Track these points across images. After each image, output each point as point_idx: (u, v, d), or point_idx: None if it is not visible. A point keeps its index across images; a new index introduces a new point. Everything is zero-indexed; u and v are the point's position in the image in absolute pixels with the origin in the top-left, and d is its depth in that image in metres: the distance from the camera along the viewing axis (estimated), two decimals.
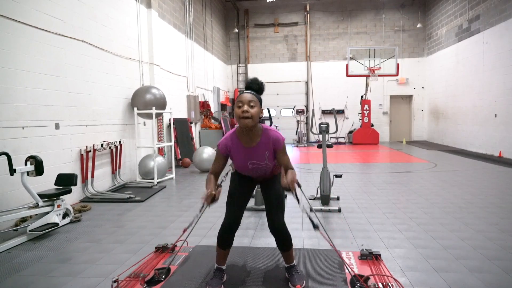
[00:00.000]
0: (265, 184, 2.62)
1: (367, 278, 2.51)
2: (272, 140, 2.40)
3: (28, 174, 3.89)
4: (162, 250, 3.17)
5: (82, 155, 5.67)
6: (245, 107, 2.27)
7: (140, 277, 2.60)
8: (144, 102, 7.03)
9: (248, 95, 2.32)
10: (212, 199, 2.34)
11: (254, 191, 5.03)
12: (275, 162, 2.52)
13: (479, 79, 11.36)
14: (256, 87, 2.41)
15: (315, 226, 2.38)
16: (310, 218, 2.39)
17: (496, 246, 3.43)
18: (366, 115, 14.80)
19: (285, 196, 3.78)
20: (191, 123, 10.94)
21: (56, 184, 4.43)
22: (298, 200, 2.33)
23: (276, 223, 2.49)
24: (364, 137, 14.91)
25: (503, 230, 3.90)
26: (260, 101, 2.39)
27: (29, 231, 3.77)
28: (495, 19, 10.39)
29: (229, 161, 2.64)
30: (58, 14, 5.20)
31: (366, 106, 14.76)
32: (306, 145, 15.10)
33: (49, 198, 4.08)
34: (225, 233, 2.51)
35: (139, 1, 7.80)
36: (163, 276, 2.65)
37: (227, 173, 2.83)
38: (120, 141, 6.67)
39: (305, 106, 16.30)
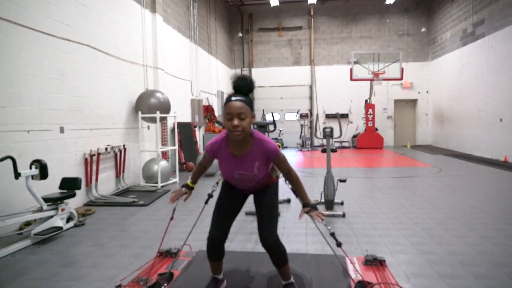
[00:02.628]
0: (257, 193, 2.48)
1: (372, 287, 2.48)
2: (264, 151, 2.21)
3: (32, 178, 3.91)
4: (165, 254, 3.16)
5: (86, 159, 5.69)
6: (236, 122, 2.06)
7: (144, 282, 2.59)
8: (148, 106, 7.06)
9: (237, 105, 2.07)
10: (178, 196, 2.42)
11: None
12: (268, 174, 2.38)
13: (484, 83, 11.30)
14: (245, 89, 2.15)
15: (339, 245, 2.27)
16: (333, 236, 2.29)
17: (502, 252, 3.39)
18: (370, 119, 14.76)
19: (289, 201, 3.70)
20: (195, 127, 10.95)
21: (60, 188, 4.44)
22: (325, 224, 2.26)
23: (267, 237, 2.28)
24: (368, 141, 14.86)
25: (509, 235, 3.86)
26: (251, 104, 2.16)
27: (33, 234, 3.78)
28: (500, 24, 10.35)
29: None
30: (64, 19, 5.25)
31: (370, 110, 14.72)
32: (310, 149, 15.07)
33: (53, 202, 4.09)
34: (211, 247, 2.39)
35: (144, 6, 7.85)
36: (166, 282, 2.64)
37: (217, 182, 2.68)
38: (124, 145, 6.70)
39: (309, 110, 16.30)
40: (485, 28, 11.22)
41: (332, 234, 2.27)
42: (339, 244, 2.26)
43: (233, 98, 2.11)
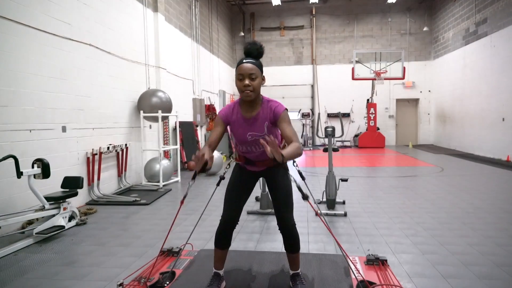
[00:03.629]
0: (271, 179, 2.50)
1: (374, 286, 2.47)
2: (271, 109, 2.31)
3: (35, 177, 3.91)
4: (167, 253, 3.16)
5: (88, 158, 5.70)
6: (247, 81, 2.20)
7: (145, 281, 2.59)
8: (150, 105, 7.06)
9: (248, 66, 2.21)
10: (203, 165, 2.07)
11: (260, 194, 5.02)
12: (277, 136, 2.43)
13: (487, 83, 11.27)
14: (255, 52, 2.28)
15: (305, 197, 2.28)
16: (299, 189, 2.27)
17: (505, 252, 3.38)
18: (372, 118, 14.73)
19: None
20: (197, 126, 10.95)
21: (62, 187, 4.45)
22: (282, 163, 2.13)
23: (287, 221, 2.41)
24: (370, 140, 14.84)
25: None
26: (261, 68, 2.29)
27: (35, 233, 3.79)
28: (503, 22, 10.31)
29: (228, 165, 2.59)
30: (66, 18, 5.25)
31: (372, 110, 14.69)
32: (311, 148, 15.06)
33: (56, 200, 4.10)
34: (223, 231, 2.44)
35: (146, 5, 7.85)
36: (168, 280, 2.64)
37: (229, 164, 2.74)
38: (126, 144, 6.70)
39: (311, 109, 16.28)
40: (487, 27, 11.18)
41: (299, 188, 2.28)
42: (305, 197, 2.28)
43: (244, 60, 2.25)
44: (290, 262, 2.56)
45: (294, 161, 2.43)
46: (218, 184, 2.57)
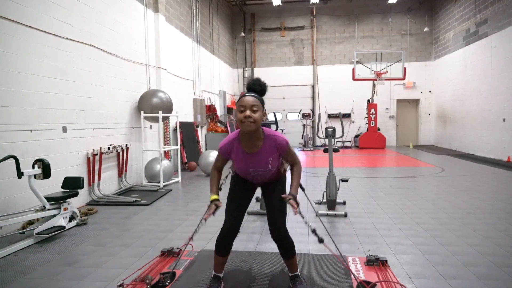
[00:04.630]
0: (266, 186, 2.56)
1: (374, 285, 2.47)
2: (275, 145, 2.36)
3: (35, 177, 3.92)
4: (167, 254, 3.17)
5: (89, 158, 5.70)
6: (248, 112, 2.20)
7: (146, 282, 2.59)
8: (150, 106, 7.07)
9: (250, 99, 2.24)
10: (214, 210, 2.35)
11: (260, 195, 5.02)
12: (279, 166, 2.49)
13: (487, 83, 11.26)
14: (258, 88, 2.32)
15: (321, 241, 2.35)
16: (315, 233, 2.36)
17: (505, 252, 3.38)
18: (372, 119, 14.73)
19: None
20: (197, 126, 10.96)
21: (63, 187, 4.45)
22: (302, 216, 2.36)
23: (278, 229, 2.40)
24: (370, 141, 14.83)
25: None
26: (263, 103, 2.32)
27: (36, 234, 3.79)
28: (503, 23, 10.30)
29: (229, 164, 2.62)
30: (67, 19, 5.26)
31: (372, 110, 14.69)
32: (312, 149, 15.05)
33: (56, 201, 4.10)
34: (224, 240, 2.45)
35: (147, 6, 7.86)
36: (168, 281, 2.65)
37: (226, 176, 2.78)
38: (126, 145, 6.71)
39: (311, 110, 16.27)
40: (488, 28, 11.18)
41: (314, 231, 2.37)
42: (321, 240, 2.35)
43: (247, 94, 2.30)
44: (288, 266, 2.58)
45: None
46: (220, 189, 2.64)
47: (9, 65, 4.24)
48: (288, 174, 2.57)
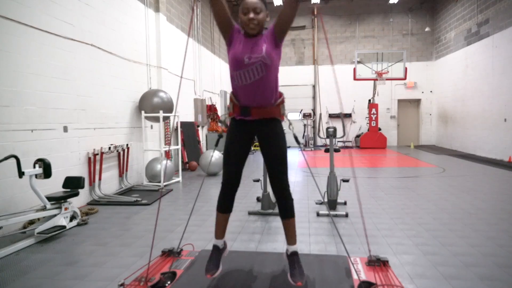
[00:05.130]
0: (266, 134, 2.42)
1: (375, 287, 2.46)
2: (271, 28, 2.32)
3: (36, 177, 3.92)
4: (168, 254, 3.16)
5: (89, 158, 5.70)
6: (251, 15, 2.23)
7: (146, 282, 2.59)
8: (151, 106, 7.07)
9: (253, 0, 2.24)
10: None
11: (261, 195, 5.01)
12: (274, 59, 2.31)
13: (489, 83, 11.24)
14: None
15: (299, 143, 2.45)
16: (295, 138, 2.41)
17: (507, 253, 3.37)
18: (373, 119, 14.72)
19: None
20: (198, 126, 10.96)
21: (63, 187, 4.45)
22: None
23: (281, 182, 2.38)
24: (371, 141, 14.82)
25: None
26: (265, 3, 2.31)
27: (37, 233, 3.79)
28: (505, 23, 10.28)
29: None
30: (68, 19, 5.26)
31: (373, 110, 14.68)
32: (313, 149, 15.04)
33: (57, 200, 4.10)
34: (225, 194, 2.44)
35: (148, 5, 7.86)
36: (169, 281, 2.64)
37: (225, 119, 2.82)
38: (127, 144, 6.71)
39: (312, 109, 16.26)
40: (489, 28, 11.16)
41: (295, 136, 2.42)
42: (299, 143, 2.47)
43: None
44: (286, 231, 2.49)
45: (290, 124, 2.58)
46: (216, 145, 2.67)
47: (10, 65, 4.24)
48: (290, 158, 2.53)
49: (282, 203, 2.43)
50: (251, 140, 2.54)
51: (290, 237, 2.51)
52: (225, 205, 2.47)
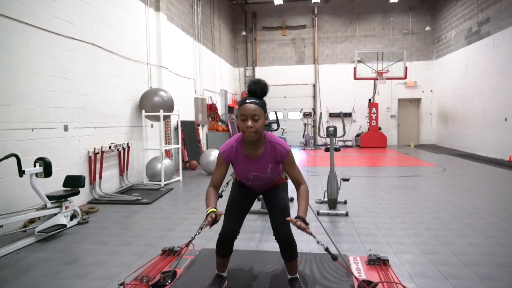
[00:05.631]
0: (268, 192, 2.54)
1: (375, 286, 2.47)
2: (275, 151, 2.33)
3: (36, 176, 3.92)
4: (168, 253, 3.17)
5: (90, 157, 5.71)
6: (249, 122, 2.18)
7: (146, 280, 2.59)
8: (152, 105, 7.07)
9: (251, 107, 2.19)
10: (213, 221, 2.17)
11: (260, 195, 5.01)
12: (279, 173, 2.47)
13: (489, 83, 11.23)
14: (259, 92, 2.27)
15: (334, 259, 2.17)
16: (328, 251, 2.19)
17: (507, 252, 3.37)
18: (374, 118, 14.72)
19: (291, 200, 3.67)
20: (199, 125, 10.96)
21: (64, 185, 4.45)
22: (313, 236, 2.24)
23: (283, 232, 2.35)
24: (371, 140, 14.82)
25: None
26: (264, 106, 2.27)
27: (37, 232, 3.79)
28: (506, 22, 10.27)
29: (230, 171, 2.60)
30: (68, 17, 5.26)
31: (374, 109, 14.68)
32: (313, 148, 15.05)
33: (57, 199, 4.10)
34: (223, 243, 2.43)
35: (148, 5, 7.85)
36: (169, 280, 2.65)
37: (227, 183, 2.74)
38: (128, 143, 6.71)
39: (313, 109, 16.26)
40: (490, 27, 11.15)
41: (327, 249, 2.19)
42: (334, 258, 2.17)
43: (247, 101, 2.24)
44: (288, 268, 2.52)
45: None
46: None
47: (10, 64, 4.24)
48: (290, 183, 2.49)
49: (285, 249, 2.40)
50: (255, 197, 2.67)
51: (291, 270, 2.52)
52: (224, 252, 2.49)
